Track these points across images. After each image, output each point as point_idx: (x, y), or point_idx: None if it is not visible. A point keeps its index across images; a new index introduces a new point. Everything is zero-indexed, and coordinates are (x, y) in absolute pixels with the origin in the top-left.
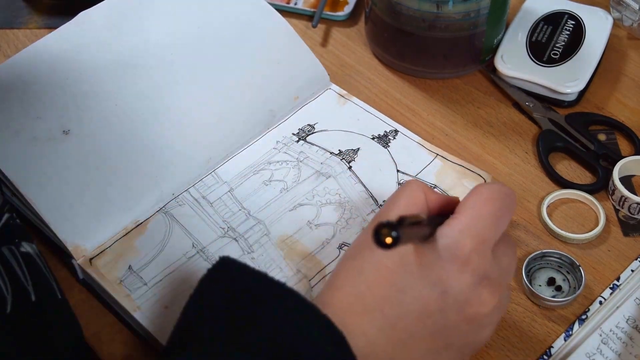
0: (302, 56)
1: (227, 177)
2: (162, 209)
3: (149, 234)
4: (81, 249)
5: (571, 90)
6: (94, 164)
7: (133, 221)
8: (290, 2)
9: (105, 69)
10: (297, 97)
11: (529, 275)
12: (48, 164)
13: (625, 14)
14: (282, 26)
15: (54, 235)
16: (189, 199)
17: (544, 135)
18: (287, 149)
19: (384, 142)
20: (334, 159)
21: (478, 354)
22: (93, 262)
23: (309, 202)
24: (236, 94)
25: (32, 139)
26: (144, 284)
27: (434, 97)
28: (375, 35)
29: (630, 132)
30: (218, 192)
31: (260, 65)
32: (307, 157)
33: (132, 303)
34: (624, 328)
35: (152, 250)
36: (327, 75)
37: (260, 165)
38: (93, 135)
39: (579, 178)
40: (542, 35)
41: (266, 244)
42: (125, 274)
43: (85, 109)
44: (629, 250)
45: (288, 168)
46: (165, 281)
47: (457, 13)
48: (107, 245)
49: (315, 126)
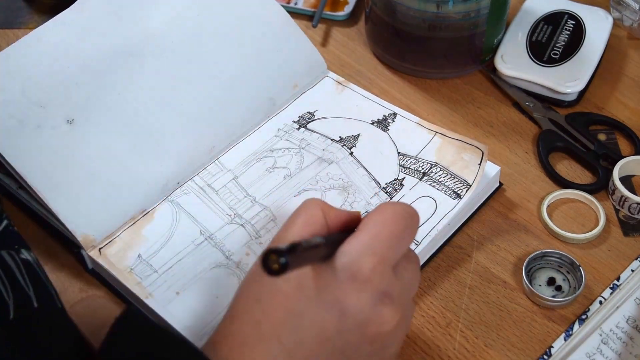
0: (300, 44)
1: (230, 165)
2: (168, 198)
3: (156, 223)
4: (90, 238)
5: (571, 90)
6: (99, 153)
7: (140, 210)
8: (291, 2)
9: (107, 58)
10: (296, 85)
11: (529, 275)
12: (53, 153)
13: (625, 14)
14: (279, 14)
15: (63, 226)
16: (194, 188)
17: (544, 135)
18: (289, 137)
19: (383, 125)
20: (335, 145)
21: (478, 354)
22: (102, 252)
23: (313, 187)
24: (237, 82)
25: (37, 128)
26: (154, 272)
27: (434, 97)
28: (375, 35)
29: (630, 132)
30: (222, 179)
31: (259, 53)
32: (309, 144)
33: (143, 290)
34: (624, 328)
35: (161, 238)
36: (324, 63)
37: (263, 152)
38: (97, 124)
39: (579, 178)
40: (542, 35)
41: (273, 229)
42: (135, 262)
43: (89, 98)
44: (629, 250)
45: (290, 155)
46: (175, 268)
47: (457, 13)
48: (115, 235)
49: (315, 113)
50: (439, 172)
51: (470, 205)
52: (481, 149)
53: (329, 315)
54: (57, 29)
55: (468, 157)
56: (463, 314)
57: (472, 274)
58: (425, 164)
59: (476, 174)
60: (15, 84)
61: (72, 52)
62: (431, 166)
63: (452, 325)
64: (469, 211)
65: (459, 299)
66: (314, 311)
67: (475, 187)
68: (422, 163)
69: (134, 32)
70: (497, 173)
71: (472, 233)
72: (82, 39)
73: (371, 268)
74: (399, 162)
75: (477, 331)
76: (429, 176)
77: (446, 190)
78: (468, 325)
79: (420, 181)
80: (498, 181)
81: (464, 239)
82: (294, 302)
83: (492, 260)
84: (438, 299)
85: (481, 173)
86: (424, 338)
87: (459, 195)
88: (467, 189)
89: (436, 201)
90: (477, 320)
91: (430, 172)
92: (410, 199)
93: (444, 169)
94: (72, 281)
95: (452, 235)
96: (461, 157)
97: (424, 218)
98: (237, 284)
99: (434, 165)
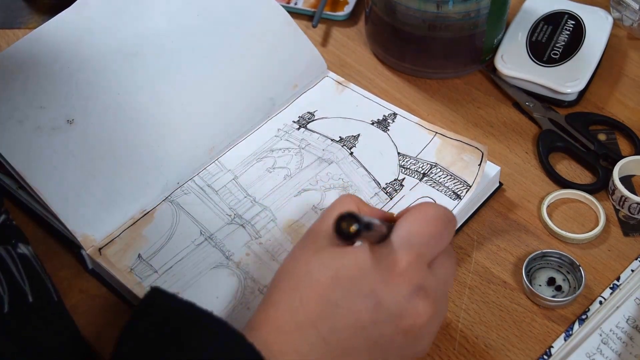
0: (300, 44)
1: (230, 165)
2: (168, 198)
3: (156, 223)
4: (90, 238)
5: (571, 90)
6: (99, 153)
7: (140, 210)
8: (291, 2)
9: (107, 58)
10: (296, 85)
11: (529, 275)
12: (53, 153)
13: (625, 14)
14: (279, 14)
15: (63, 226)
16: (194, 188)
17: (544, 135)
18: (289, 137)
19: (383, 126)
20: (335, 145)
21: (478, 354)
22: (102, 252)
23: (313, 187)
24: (236, 82)
25: (37, 129)
26: (155, 272)
27: (434, 97)
28: (376, 35)
29: (630, 132)
30: (222, 180)
31: (259, 53)
32: (309, 145)
33: (143, 291)
34: (624, 328)
35: (161, 238)
36: (324, 63)
37: (262, 152)
38: (97, 124)
39: (579, 178)
40: (542, 35)
41: (273, 229)
42: (135, 262)
43: (89, 98)
44: (629, 250)
45: (290, 155)
46: (175, 268)
47: (457, 13)
48: (115, 235)
49: (315, 114)
50: (439, 173)
51: (470, 205)
52: (481, 149)
53: (364, 305)
54: (57, 28)
55: (468, 158)
56: (463, 314)
57: (472, 274)
58: (425, 165)
59: (476, 174)
60: (15, 84)
61: (72, 52)
62: (431, 167)
63: (452, 325)
64: (469, 211)
65: (459, 299)
66: (350, 301)
67: (475, 188)
68: (422, 163)
69: (133, 32)
70: (497, 173)
71: (472, 233)
72: (82, 39)
73: (408, 262)
74: (399, 163)
75: (477, 331)
76: (429, 177)
77: (446, 191)
78: (468, 325)
79: (420, 182)
80: (498, 181)
81: (464, 239)
82: (330, 291)
83: (492, 260)
84: None
85: (481, 174)
86: None
87: (459, 196)
88: (467, 190)
89: (436, 202)
90: (477, 320)
91: (430, 173)
92: (410, 199)
93: (443, 170)
94: (72, 281)
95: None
96: (461, 158)
97: None
98: (237, 284)
99: (434, 165)
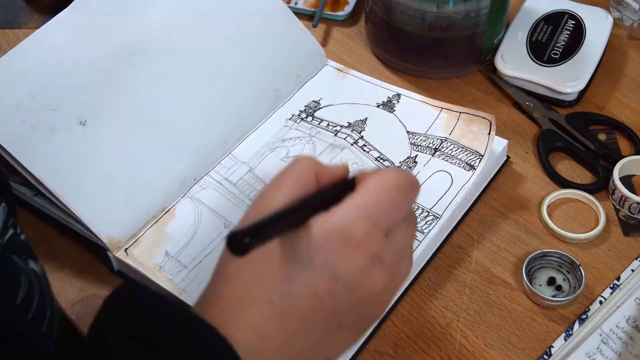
0: (299, 34)
1: (244, 158)
2: (187, 194)
3: (178, 219)
4: (115, 240)
5: (571, 90)
6: (114, 153)
7: (161, 208)
8: (291, 2)
9: (111, 57)
10: (298, 75)
11: (529, 275)
12: (70, 156)
13: (625, 13)
14: (278, 7)
15: (87, 229)
16: (212, 182)
17: (544, 135)
18: (298, 126)
19: (389, 107)
20: (345, 131)
21: (478, 354)
22: (129, 252)
23: None
24: (241, 75)
25: (50, 132)
26: (185, 267)
27: (434, 97)
28: (376, 35)
29: (630, 131)
30: (239, 172)
31: (261, 45)
32: (319, 132)
33: (176, 287)
34: (624, 328)
35: (185, 234)
36: (323, 52)
37: (275, 143)
38: (110, 124)
39: (579, 178)
40: (543, 35)
41: None
42: (164, 259)
43: (99, 98)
44: (629, 250)
45: (302, 144)
46: (204, 262)
47: (457, 13)
48: (139, 234)
49: (321, 102)
50: (450, 147)
51: (483, 179)
52: (488, 119)
53: (320, 278)
54: (56, 30)
55: (477, 129)
56: (463, 314)
57: (472, 274)
58: (436, 140)
59: (487, 144)
60: (23, 88)
61: (76, 52)
62: (442, 141)
63: (452, 325)
64: (482, 184)
65: (459, 299)
66: (306, 274)
67: (487, 157)
68: (433, 139)
69: (135, 30)
70: (505, 146)
71: (472, 233)
72: (84, 39)
73: (364, 232)
74: (410, 141)
75: (477, 331)
76: (441, 151)
77: (459, 163)
78: (468, 325)
79: (432, 157)
80: (506, 155)
81: (464, 238)
82: (285, 265)
83: (492, 260)
84: (438, 299)
85: (491, 142)
86: (424, 338)
87: (473, 166)
88: (480, 159)
89: (451, 174)
90: (477, 320)
91: (442, 147)
92: (425, 175)
93: (454, 143)
94: (72, 281)
95: (451, 235)
96: (470, 130)
97: (441, 192)
98: None
99: (444, 140)
